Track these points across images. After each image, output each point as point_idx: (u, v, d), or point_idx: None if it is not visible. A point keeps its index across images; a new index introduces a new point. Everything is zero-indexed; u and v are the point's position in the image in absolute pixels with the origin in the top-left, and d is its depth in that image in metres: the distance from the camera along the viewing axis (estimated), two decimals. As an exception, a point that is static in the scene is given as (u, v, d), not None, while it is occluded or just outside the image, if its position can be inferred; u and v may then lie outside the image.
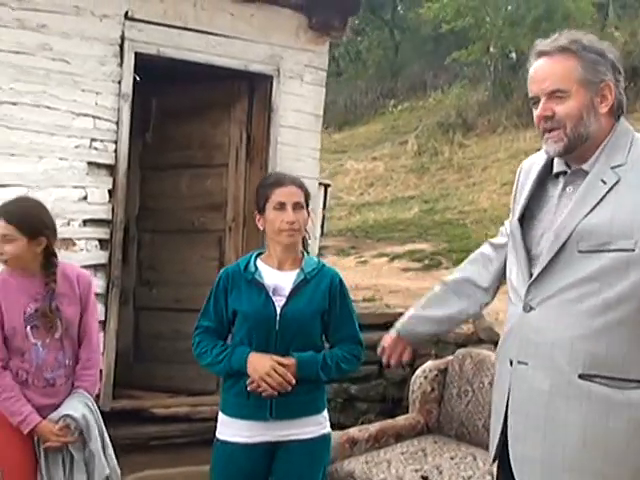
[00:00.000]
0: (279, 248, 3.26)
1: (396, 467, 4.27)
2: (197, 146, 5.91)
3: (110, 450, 3.56)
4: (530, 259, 2.41)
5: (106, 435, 3.56)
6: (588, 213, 2.28)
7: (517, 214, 2.48)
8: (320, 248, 11.01)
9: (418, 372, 4.88)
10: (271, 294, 3.20)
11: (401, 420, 4.79)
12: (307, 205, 3.32)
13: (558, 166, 2.45)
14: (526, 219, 2.47)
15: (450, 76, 21.77)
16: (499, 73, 19.21)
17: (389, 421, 4.80)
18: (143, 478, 4.82)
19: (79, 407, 3.42)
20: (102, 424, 3.54)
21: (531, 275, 2.39)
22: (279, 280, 3.24)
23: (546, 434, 2.33)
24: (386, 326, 6.36)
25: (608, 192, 2.27)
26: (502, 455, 2.50)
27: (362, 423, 5.13)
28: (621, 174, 2.28)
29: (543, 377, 2.33)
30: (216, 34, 5.45)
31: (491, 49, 20.64)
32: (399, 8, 26.93)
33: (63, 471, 3.38)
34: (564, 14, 19.07)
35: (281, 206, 3.21)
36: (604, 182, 2.28)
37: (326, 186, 8.49)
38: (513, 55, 20.61)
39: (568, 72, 2.30)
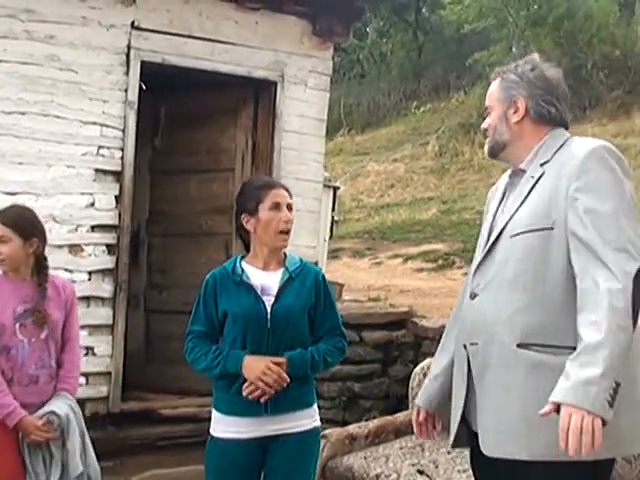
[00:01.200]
0: (266, 249, 3.36)
1: (394, 462, 4.37)
2: (204, 151, 6.03)
3: (91, 452, 3.69)
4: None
5: (87, 437, 3.69)
6: (519, 206, 2.58)
7: (487, 224, 2.75)
8: (334, 250, 11.15)
9: (417, 369, 4.98)
10: (260, 293, 3.32)
11: (400, 416, 4.88)
12: None
13: (509, 173, 2.78)
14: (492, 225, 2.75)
15: (473, 77, 21.77)
16: (521, 73, 19.17)
17: (388, 418, 4.90)
18: (149, 477, 4.94)
19: (63, 407, 3.56)
20: (84, 427, 3.68)
21: None
22: (266, 280, 3.35)
23: (497, 403, 2.52)
24: (389, 325, 6.53)
25: (534, 185, 2.58)
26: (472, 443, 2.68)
27: (366, 420, 5.21)
28: (546, 168, 2.59)
29: (490, 352, 2.55)
30: (221, 42, 5.57)
31: (513, 49, 20.67)
32: (423, 10, 26.94)
33: (43, 466, 3.51)
34: (586, 13, 19.05)
35: (277, 206, 3.33)
36: (532, 177, 2.60)
37: (335, 189, 8.58)
38: (536, 55, 20.54)
39: (492, 92, 2.76)
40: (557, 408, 2.30)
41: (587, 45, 18.41)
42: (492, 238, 2.63)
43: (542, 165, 2.60)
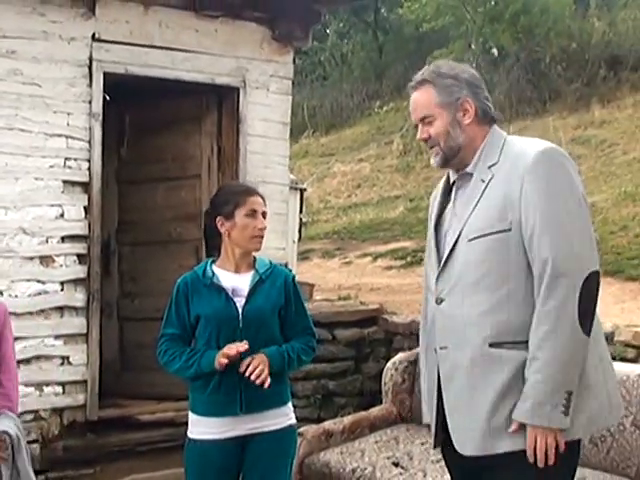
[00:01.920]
0: (239, 252, 3.47)
1: (369, 455, 4.47)
2: (170, 159, 6.08)
3: (31, 470, 3.73)
4: (439, 259, 2.75)
5: (29, 455, 3.72)
6: (473, 209, 2.64)
7: (431, 226, 2.83)
8: (304, 252, 11.24)
9: (389, 365, 5.09)
10: (231, 295, 3.41)
11: (374, 411, 4.99)
12: None
13: (452, 176, 2.83)
14: (438, 228, 2.81)
15: (434, 75, 21.92)
16: (481, 69, 19.40)
17: (363, 413, 5.01)
18: (128, 483, 5.01)
19: (12, 425, 3.61)
20: (26, 444, 3.73)
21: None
22: (236, 282, 3.45)
23: (471, 402, 2.61)
24: (360, 323, 6.62)
25: (485, 188, 2.65)
26: (445, 439, 2.77)
27: (341, 417, 5.30)
28: (494, 171, 2.65)
29: (462, 354, 2.63)
30: (182, 50, 5.63)
31: (472, 46, 20.88)
32: (381, 10, 27.06)
33: None
34: (542, 8, 19.28)
35: (253, 213, 3.45)
36: (483, 180, 2.66)
37: (302, 191, 8.67)
38: (494, 51, 20.79)
39: (428, 100, 2.71)
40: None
41: (544, 39, 18.60)
42: (450, 243, 2.68)
43: (490, 167, 2.66)
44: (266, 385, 3.29)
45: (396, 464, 4.33)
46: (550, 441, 2.48)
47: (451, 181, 2.82)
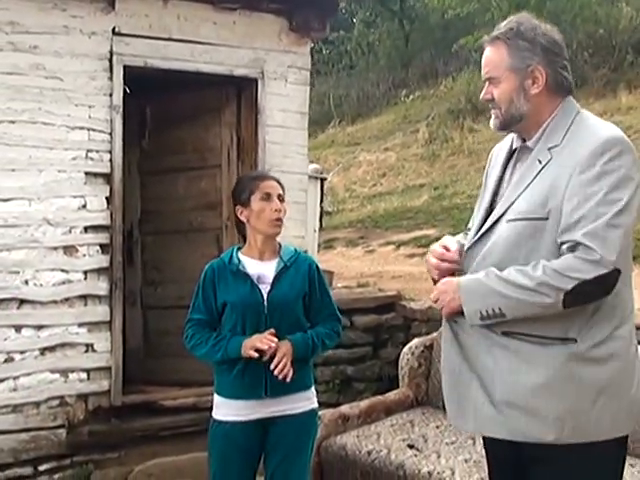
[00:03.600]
0: (260, 239, 3.56)
1: (385, 438, 4.55)
2: (191, 150, 6.19)
3: None
4: (478, 231, 2.65)
5: None
6: (523, 191, 2.53)
7: (487, 196, 2.71)
8: (328, 240, 11.32)
9: (405, 349, 5.16)
10: (256, 282, 3.50)
11: (391, 395, 5.06)
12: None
13: (515, 143, 2.70)
14: (495, 192, 2.70)
15: (460, 62, 21.86)
16: (507, 56, 19.28)
17: (379, 397, 5.08)
18: (153, 466, 5.12)
19: None
20: None
21: None
22: (262, 269, 3.54)
23: (480, 385, 2.56)
24: (379, 309, 6.69)
25: (540, 171, 2.51)
26: None
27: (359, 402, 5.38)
28: (554, 154, 2.50)
29: (472, 333, 2.57)
30: (201, 42, 5.71)
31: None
32: (407, -2, 27.06)
33: None
34: (568, -8, 19.18)
35: (268, 197, 3.54)
36: (540, 162, 2.52)
37: (322, 180, 8.73)
38: (524, 13, 20.64)
39: (499, 60, 2.56)
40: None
41: (571, 25, 18.47)
42: (491, 220, 2.58)
43: (550, 149, 2.52)
44: (288, 379, 3.38)
45: (411, 446, 4.41)
46: (450, 303, 2.55)
47: (513, 147, 2.70)
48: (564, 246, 2.41)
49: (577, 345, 2.44)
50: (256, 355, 3.35)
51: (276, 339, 3.38)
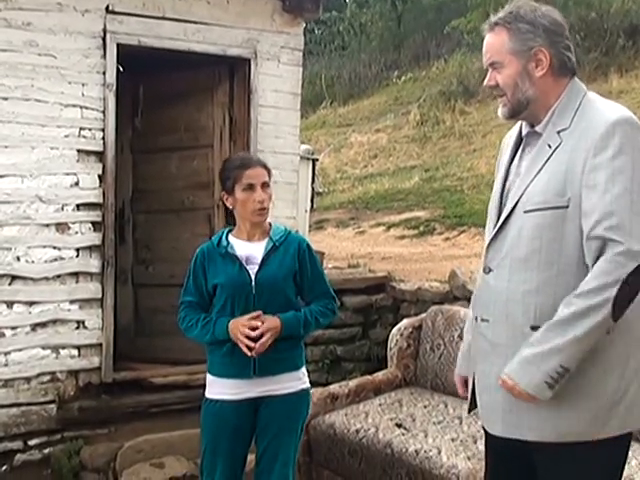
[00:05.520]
0: (248, 224, 3.59)
1: (373, 417, 4.60)
2: (183, 129, 6.19)
3: None
4: (495, 224, 2.61)
5: None
6: (534, 177, 2.49)
7: (499, 179, 2.69)
8: (319, 221, 11.36)
9: (394, 330, 5.20)
10: (244, 263, 3.52)
11: (379, 375, 5.12)
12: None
13: (524, 129, 2.66)
14: (504, 183, 2.67)
15: (452, 44, 21.89)
16: (498, 39, 19.26)
17: (368, 377, 5.13)
18: (142, 442, 5.16)
19: None
20: None
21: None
22: (251, 250, 3.56)
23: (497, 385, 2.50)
24: (368, 290, 6.73)
25: (551, 155, 2.47)
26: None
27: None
28: (564, 138, 2.46)
29: (500, 331, 2.54)
30: (194, 22, 5.70)
31: (491, 15, 20.73)
32: (401, -21, 26.96)
33: None
34: (561, -24, 19.15)
35: (250, 187, 3.52)
36: (550, 146, 2.48)
37: (314, 161, 8.75)
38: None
39: (500, 45, 2.51)
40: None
41: (563, 8, 18.45)
42: (506, 212, 2.54)
43: (559, 133, 2.48)
44: (253, 353, 3.40)
45: (399, 425, 4.46)
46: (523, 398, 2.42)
47: (523, 134, 2.66)
48: (592, 244, 2.35)
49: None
50: (251, 344, 3.39)
51: (259, 323, 3.41)
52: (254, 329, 3.40)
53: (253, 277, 3.50)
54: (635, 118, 2.42)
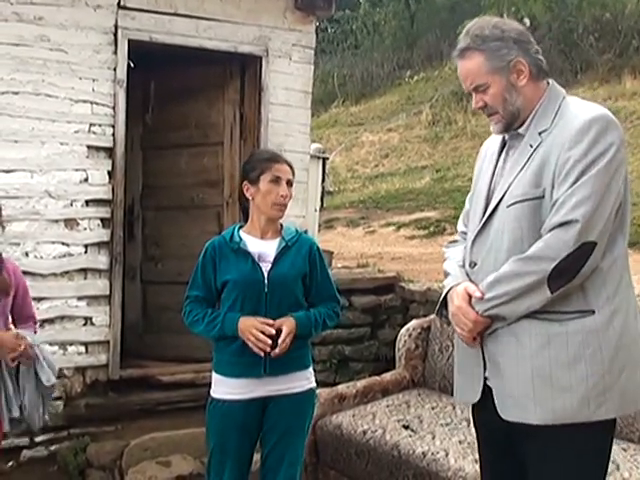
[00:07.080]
0: (264, 218, 3.55)
1: (380, 418, 4.57)
2: (194, 126, 6.17)
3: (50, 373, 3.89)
4: (479, 220, 2.71)
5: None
6: (516, 175, 2.59)
7: (484, 187, 2.75)
8: (329, 220, 11.33)
9: (403, 331, 5.16)
10: (257, 260, 3.50)
11: (387, 376, 5.08)
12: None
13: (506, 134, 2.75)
14: (491, 182, 2.75)
15: (465, 45, 21.77)
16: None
17: (376, 378, 5.09)
18: (149, 440, 5.14)
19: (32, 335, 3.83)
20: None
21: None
22: (263, 248, 3.53)
23: (505, 368, 2.61)
24: (377, 290, 6.70)
25: (532, 154, 2.57)
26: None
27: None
28: (544, 137, 2.57)
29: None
30: (206, 18, 5.69)
31: (504, 16, 20.70)
32: (415, -22, 26.88)
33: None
34: (576, -23, 19.07)
35: (277, 180, 3.52)
36: (531, 146, 2.59)
37: (324, 160, 8.72)
38: (526, 20, 20.56)
39: (477, 69, 2.60)
40: None
41: (577, 9, 18.45)
42: (490, 208, 2.64)
43: (541, 134, 2.58)
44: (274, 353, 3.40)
45: (406, 427, 4.42)
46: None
47: (506, 137, 2.75)
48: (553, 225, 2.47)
49: (594, 317, 2.50)
50: (262, 354, 3.39)
51: (273, 329, 3.39)
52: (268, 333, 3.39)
53: (266, 275, 3.47)
54: (612, 116, 2.52)
